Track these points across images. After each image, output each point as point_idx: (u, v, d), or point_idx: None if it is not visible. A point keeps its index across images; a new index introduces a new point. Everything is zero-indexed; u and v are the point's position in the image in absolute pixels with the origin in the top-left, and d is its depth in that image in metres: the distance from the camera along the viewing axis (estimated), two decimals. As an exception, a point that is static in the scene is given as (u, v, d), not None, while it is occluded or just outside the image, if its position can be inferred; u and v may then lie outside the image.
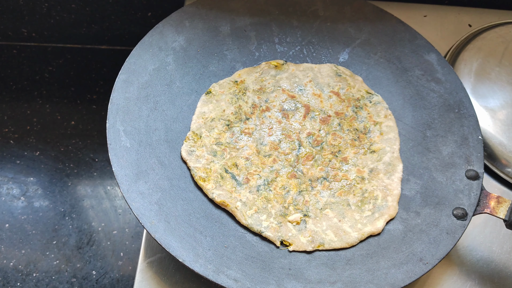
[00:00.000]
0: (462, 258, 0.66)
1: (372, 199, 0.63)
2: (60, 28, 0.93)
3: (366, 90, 0.71)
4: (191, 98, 0.67)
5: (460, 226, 0.61)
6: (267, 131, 0.66)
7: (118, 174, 0.59)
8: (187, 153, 0.63)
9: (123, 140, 0.62)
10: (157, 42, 0.70)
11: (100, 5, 0.90)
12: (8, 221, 0.79)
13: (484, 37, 0.82)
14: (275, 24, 0.75)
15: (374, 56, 0.74)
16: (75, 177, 0.83)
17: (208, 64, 0.70)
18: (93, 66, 0.95)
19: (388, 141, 0.67)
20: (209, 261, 0.56)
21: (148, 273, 0.62)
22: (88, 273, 0.76)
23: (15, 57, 0.95)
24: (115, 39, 0.96)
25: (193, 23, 0.73)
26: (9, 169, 0.84)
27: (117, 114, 0.63)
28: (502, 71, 0.78)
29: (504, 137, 0.73)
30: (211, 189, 0.61)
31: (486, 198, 0.62)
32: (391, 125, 0.68)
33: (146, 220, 0.57)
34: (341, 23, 0.76)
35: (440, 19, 0.88)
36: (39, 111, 0.89)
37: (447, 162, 0.66)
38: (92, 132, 0.88)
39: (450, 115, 0.69)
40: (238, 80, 0.70)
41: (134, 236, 0.79)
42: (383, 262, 0.58)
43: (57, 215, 0.80)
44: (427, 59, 0.73)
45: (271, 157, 0.64)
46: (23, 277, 0.75)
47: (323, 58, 0.73)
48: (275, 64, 0.71)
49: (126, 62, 0.67)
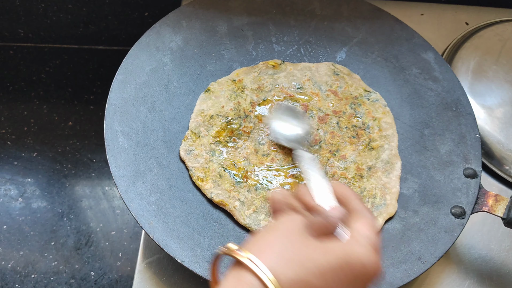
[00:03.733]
0: (461, 256, 0.66)
1: (371, 198, 0.63)
2: (57, 29, 0.93)
3: (364, 88, 0.71)
4: (189, 98, 0.67)
5: (458, 225, 0.61)
6: (266, 131, 0.66)
7: (116, 175, 0.59)
8: (185, 153, 0.63)
9: (121, 141, 0.61)
10: (154, 42, 0.70)
11: (96, 5, 0.89)
12: (6, 222, 0.79)
13: (481, 35, 0.82)
14: (272, 23, 0.75)
15: (372, 55, 0.74)
16: (73, 178, 0.83)
17: (206, 64, 0.70)
18: (90, 67, 0.95)
19: (386, 138, 0.67)
20: (207, 262, 0.56)
21: (147, 274, 0.62)
22: (86, 274, 0.75)
23: (12, 58, 0.95)
24: (112, 40, 0.96)
25: (190, 23, 0.72)
26: (6, 170, 0.83)
27: (114, 115, 0.63)
28: (499, 69, 0.78)
29: (502, 135, 0.73)
30: (210, 189, 0.61)
31: (484, 196, 0.62)
32: (389, 122, 0.68)
33: (144, 220, 0.57)
34: (338, 22, 0.76)
35: (437, 18, 0.88)
36: (36, 112, 0.89)
37: (445, 160, 0.66)
38: (90, 133, 0.88)
39: (447, 114, 0.69)
40: (236, 79, 0.69)
41: (133, 237, 0.79)
42: (382, 261, 0.58)
43: (55, 216, 0.80)
44: (425, 57, 0.73)
45: (269, 156, 0.64)
46: (22, 278, 0.75)
47: (321, 57, 0.73)
48: (272, 64, 0.71)
49: (123, 63, 0.67)
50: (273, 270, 0.38)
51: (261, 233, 0.42)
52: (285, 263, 0.38)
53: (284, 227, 0.41)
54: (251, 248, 0.40)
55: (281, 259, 0.39)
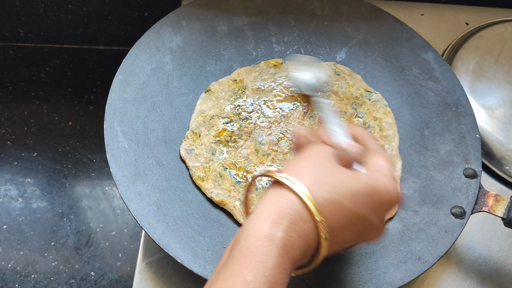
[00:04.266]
0: (461, 256, 0.66)
1: (371, 198, 0.63)
2: (57, 29, 0.93)
3: (365, 89, 0.71)
4: (189, 98, 0.67)
5: (459, 225, 0.61)
6: (266, 130, 0.66)
7: (116, 175, 0.59)
8: (186, 152, 0.63)
9: (121, 141, 0.61)
10: (154, 43, 0.70)
11: (97, 5, 0.90)
12: (6, 222, 0.79)
13: (481, 35, 0.82)
14: (272, 23, 0.75)
15: (372, 55, 0.74)
16: (73, 178, 0.83)
17: (206, 64, 0.70)
18: (90, 67, 0.95)
19: (387, 138, 0.67)
20: (207, 262, 0.56)
21: (147, 274, 0.61)
22: (86, 274, 0.75)
23: (12, 58, 0.95)
24: (112, 40, 0.96)
25: (190, 23, 0.72)
26: (6, 171, 0.83)
27: (114, 115, 0.63)
28: (499, 69, 0.78)
29: (502, 135, 0.73)
30: (210, 188, 0.61)
31: (484, 197, 0.62)
32: (390, 122, 0.68)
33: (144, 221, 0.57)
34: (338, 22, 0.76)
35: (437, 18, 0.88)
36: (36, 112, 0.89)
37: (445, 160, 0.66)
38: (90, 133, 0.88)
39: (447, 114, 0.69)
40: (237, 79, 0.69)
41: (133, 237, 0.79)
42: (382, 261, 0.58)
43: (55, 216, 0.80)
44: (425, 57, 0.73)
45: (269, 156, 0.64)
46: (22, 278, 0.75)
47: (321, 57, 0.73)
48: (274, 63, 0.71)
49: (123, 63, 0.67)
50: (310, 189, 0.42)
51: (295, 160, 0.46)
52: (320, 184, 0.43)
53: (316, 155, 0.46)
54: (289, 171, 0.44)
55: (316, 180, 0.43)
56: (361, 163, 0.47)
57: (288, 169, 0.44)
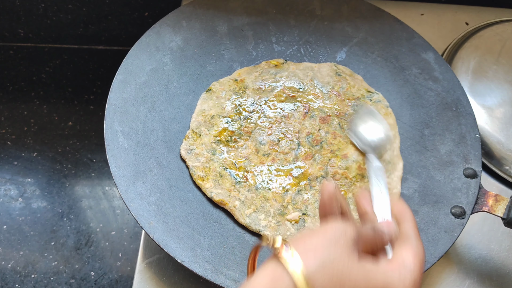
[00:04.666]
0: (461, 256, 0.66)
1: (371, 198, 0.63)
2: (57, 29, 0.93)
3: (366, 89, 0.71)
4: (189, 98, 0.67)
5: (459, 225, 0.61)
6: (267, 130, 0.66)
7: (116, 175, 0.59)
8: (186, 152, 0.63)
9: (121, 141, 0.61)
10: (154, 42, 0.70)
11: (96, 5, 0.90)
12: (6, 222, 0.79)
13: (481, 35, 0.82)
14: (272, 23, 0.75)
15: (372, 55, 0.74)
16: (73, 178, 0.83)
17: (206, 64, 0.70)
18: (90, 67, 0.95)
19: (386, 139, 0.67)
20: (207, 262, 0.56)
21: (147, 274, 0.61)
22: (86, 274, 0.75)
23: (12, 58, 0.95)
24: (112, 40, 0.96)
25: (190, 23, 0.72)
26: (6, 170, 0.83)
27: (114, 115, 0.63)
28: (499, 69, 0.78)
29: (502, 135, 0.73)
30: (210, 188, 0.61)
31: (484, 196, 0.62)
32: (391, 123, 0.68)
33: (144, 220, 0.57)
34: (338, 22, 0.76)
35: (437, 18, 0.88)
36: (36, 112, 0.89)
37: (445, 160, 0.66)
38: (90, 133, 0.88)
39: (447, 114, 0.69)
40: (238, 79, 0.69)
41: (133, 237, 0.79)
42: None
43: (55, 216, 0.80)
44: (424, 57, 0.73)
45: (270, 156, 0.64)
46: (22, 278, 0.75)
47: (321, 57, 0.73)
48: (275, 63, 0.71)
49: (123, 63, 0.67)
50: (312, 278, 0.37)
51: (309, 234, 0.41)
52: (325, 276, 0.38)
53: (333, 235, 0.40)
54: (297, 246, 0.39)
55: (323, 268, 0.38)
56: (393, 246, 0.42)
57: (298, 242, 0.40)
